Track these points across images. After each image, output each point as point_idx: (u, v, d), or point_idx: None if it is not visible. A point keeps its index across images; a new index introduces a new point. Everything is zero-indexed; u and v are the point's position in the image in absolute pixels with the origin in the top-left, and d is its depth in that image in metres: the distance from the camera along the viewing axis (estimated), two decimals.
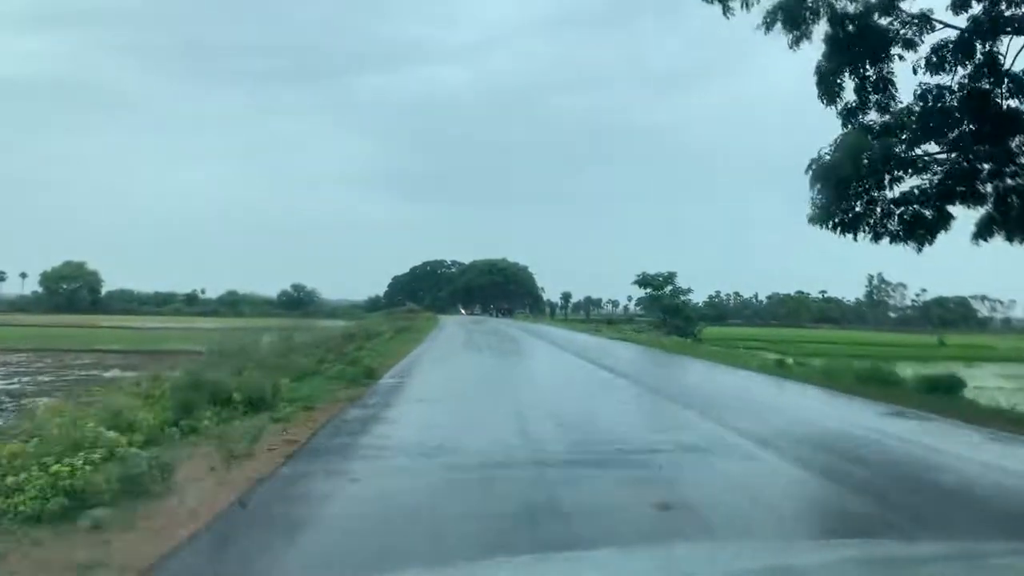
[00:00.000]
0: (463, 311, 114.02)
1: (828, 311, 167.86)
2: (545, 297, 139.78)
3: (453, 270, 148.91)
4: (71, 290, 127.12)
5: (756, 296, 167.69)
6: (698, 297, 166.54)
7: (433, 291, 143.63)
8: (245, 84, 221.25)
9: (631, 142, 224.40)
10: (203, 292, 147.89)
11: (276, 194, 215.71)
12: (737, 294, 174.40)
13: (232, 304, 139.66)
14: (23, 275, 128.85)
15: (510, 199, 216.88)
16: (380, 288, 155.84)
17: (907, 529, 6.14)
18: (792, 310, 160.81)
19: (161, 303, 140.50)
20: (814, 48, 14.59)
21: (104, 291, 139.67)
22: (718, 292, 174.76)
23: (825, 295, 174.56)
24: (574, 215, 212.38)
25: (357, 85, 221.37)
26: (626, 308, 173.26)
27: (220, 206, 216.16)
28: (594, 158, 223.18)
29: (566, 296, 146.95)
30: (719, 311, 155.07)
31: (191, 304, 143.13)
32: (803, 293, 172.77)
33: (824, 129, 15.47)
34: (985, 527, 6.22)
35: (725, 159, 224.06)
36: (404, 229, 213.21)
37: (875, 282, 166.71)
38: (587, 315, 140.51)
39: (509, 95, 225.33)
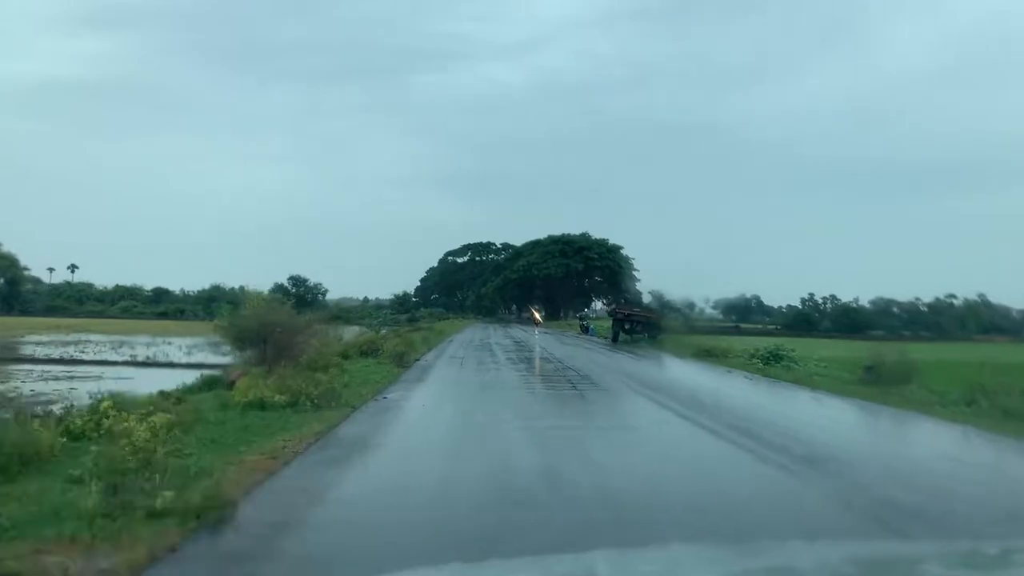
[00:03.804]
0: (536, 316, 65.33)
1: (996, 320, 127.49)
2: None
3: (503, 256, 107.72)
4: None
5: (856, 300, 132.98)
6: (780, 300, 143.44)
7: (476, 284, 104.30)
8: (296, 82, 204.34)
9: (689, 139, 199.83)
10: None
11: (321, 193, 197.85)
12: (834, 297, 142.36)
13: (207, 302, 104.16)
14: None
15: (567, 198, 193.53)
16: (412, 284, 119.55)
17: None
18: (961, 318, 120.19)
19: (115, 300, 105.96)
20: None
21: (49, 283, 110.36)
22: (811, 295, 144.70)
23: (983, 298, 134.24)
24: (636, 213, 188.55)
25: (409, 83, 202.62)
26: (701, 311, 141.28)
27: (262, 205, 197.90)
28: (650, 156, 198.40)
29: (657, 296, 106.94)
30: (851, 319, 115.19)
31: (157, 302, 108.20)
32: (952, 297, 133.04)
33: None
34: None
35: (805, 157, 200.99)
36: (454, 227, 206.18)
37: None
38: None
39: (564, 92, 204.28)
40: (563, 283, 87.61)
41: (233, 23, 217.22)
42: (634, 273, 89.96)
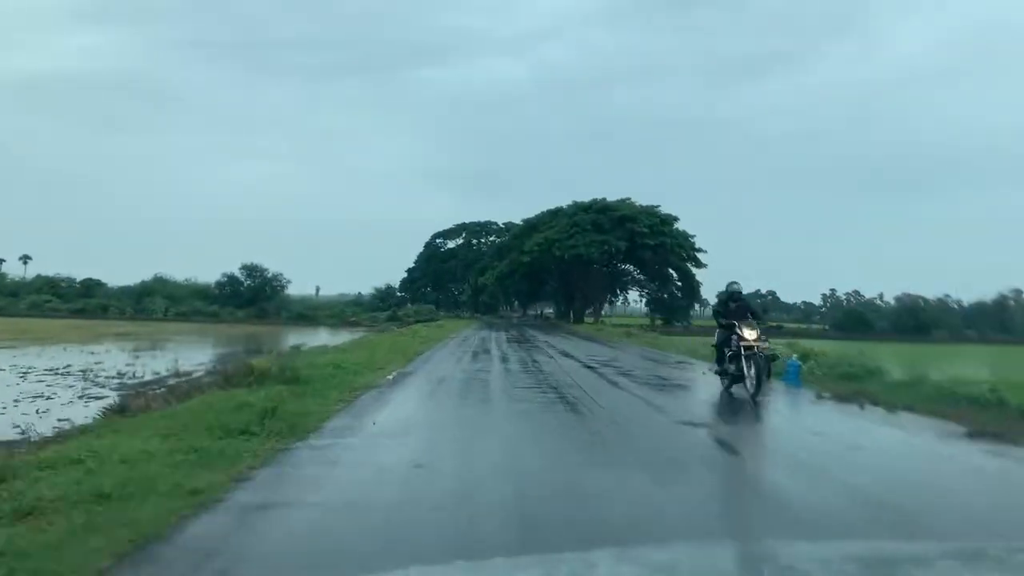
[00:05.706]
0: (749, 332, 23.70)
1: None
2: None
3: (507, 236, 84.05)
4: None
5: (881, 296, 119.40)
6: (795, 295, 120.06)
7: (472, 273, 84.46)
8: (297, 78, 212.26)
9: (691, 135, 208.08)
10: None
11: (319, 189, 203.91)
12: (857, 293, 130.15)
13: (139, 296, 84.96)
14: None
15: (571, 195, 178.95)
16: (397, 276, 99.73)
17: None
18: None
19: (31, 291, 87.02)
20: None
21: None
22: (833, 290, 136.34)
23: None
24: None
25: (409, 79, 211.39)
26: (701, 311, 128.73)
27: (257, 201, 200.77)
28: (656, 151, 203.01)
29: (692, 289, 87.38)
30: (917, 319, 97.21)
31: (88, 296, 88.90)
32: (1019, 291, 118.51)
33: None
34: None
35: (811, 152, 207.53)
36: (454, 223, 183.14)
37: None
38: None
39: (568, 87, 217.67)
40: (590, 269, 64.14)
41: (232, 18, 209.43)
42: (697, 255, 65.75)
